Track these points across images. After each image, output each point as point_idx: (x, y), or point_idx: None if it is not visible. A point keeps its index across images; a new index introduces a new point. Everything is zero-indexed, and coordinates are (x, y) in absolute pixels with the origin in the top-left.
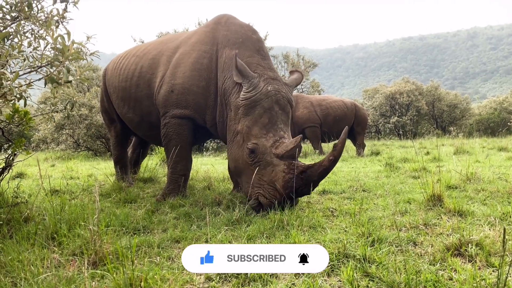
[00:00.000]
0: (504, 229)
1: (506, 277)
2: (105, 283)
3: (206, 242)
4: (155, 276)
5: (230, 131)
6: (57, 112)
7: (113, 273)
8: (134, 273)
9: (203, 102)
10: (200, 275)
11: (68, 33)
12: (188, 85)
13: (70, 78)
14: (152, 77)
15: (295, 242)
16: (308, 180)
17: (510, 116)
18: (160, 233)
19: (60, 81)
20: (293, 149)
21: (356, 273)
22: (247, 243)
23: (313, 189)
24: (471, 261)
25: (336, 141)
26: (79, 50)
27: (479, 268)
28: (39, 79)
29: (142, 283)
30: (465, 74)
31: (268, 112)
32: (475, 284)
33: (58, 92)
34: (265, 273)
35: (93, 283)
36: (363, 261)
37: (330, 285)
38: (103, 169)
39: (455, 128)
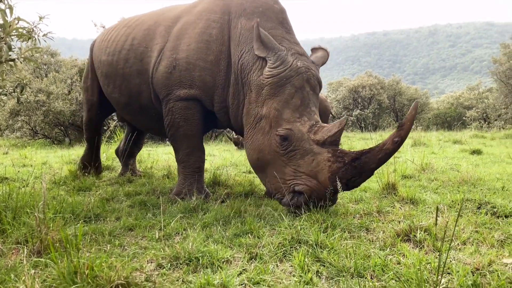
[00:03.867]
0: (437, 208)
1: (445, 261)
2: (48, 271)
3: (160, 230)
4: (103, 264)
5: (249, 116)
6: (5, 95)
7: (58, 261)
8: (79, 261)
9: (210, 80)
10: (151, 261)
11: (10, 8)
12: (194, 59)
13: (13, 56)
14: (146, 50)
15: (250, 229)
16: (363, 168)
17: (465, 111)
18: (113, 221)
19: (1, 59)
20: (337, 133)
21: (308, 258)
22: (202, 230)
23: (366, 179)
24: (419, 246)
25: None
26: (31, 30)
27: (426, 253)
28: None
29: (88, 271)
30: (425, 70)
31: (300, 92)
32: (420, 268)
33: (5, 73)
34: (217, 259)
35: (33, 271)
36: (315, 247)
37: (281, 270)
38: (60, 156)
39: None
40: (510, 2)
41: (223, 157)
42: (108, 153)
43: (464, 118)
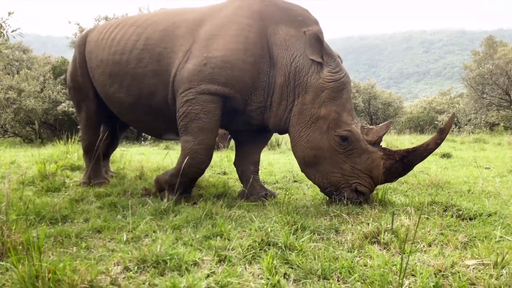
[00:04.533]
0: (393, 213)
1: (407, 262)
2: (9, 275)
3: (129, 232)
4: (66, 267)
5: (303, 116)
6: None
7: (18, 265)
8: (41, 264)
9: (249, 81)
10: (118, 264)
11: None
12: (232, 58)
13: None
14: (165, 51)
15: (220, 231)
16: (411, 164)
17: (437, 115)
18: (81, 223)
19: None
20: (384, 135)
21: (276, 261)
22: (172, 233)
23: (409, 172)
24: (386, 248)
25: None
26: None
27: (393, 255)
28: None
29: (50, 275)
30: (400, 75)
31: (350, 97)
32: (385, 270)
33: None
34: (185, 262)
35: None
36: (284, 249)
37: (250, 273)
38: (29, 156)
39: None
40: (481, 11)
41: None
42: (79, 152)
43: (436, 122)
